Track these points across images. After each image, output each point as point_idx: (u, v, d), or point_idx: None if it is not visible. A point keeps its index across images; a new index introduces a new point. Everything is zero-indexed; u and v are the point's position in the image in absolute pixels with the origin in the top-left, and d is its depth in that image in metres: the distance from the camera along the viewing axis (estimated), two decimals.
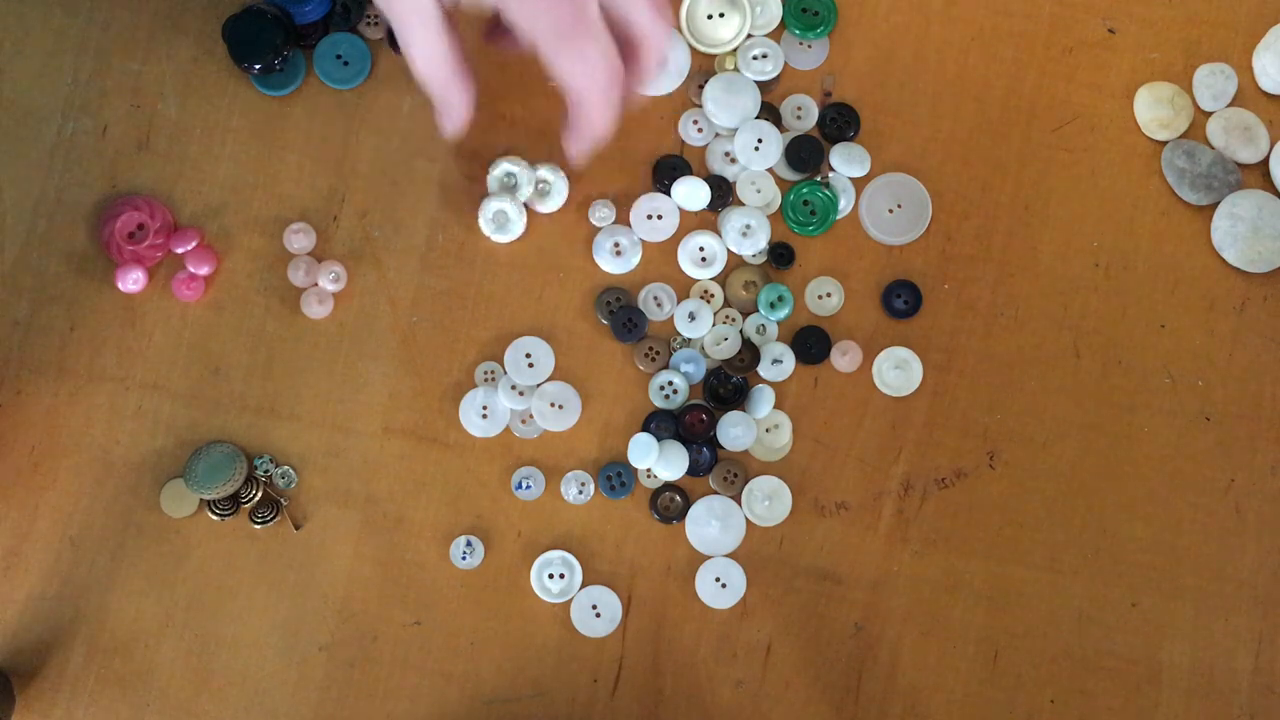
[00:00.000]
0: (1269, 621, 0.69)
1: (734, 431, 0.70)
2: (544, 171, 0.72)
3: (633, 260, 0.72)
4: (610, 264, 0.72)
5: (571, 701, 0.69)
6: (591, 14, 0.60)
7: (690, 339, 0.72)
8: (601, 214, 0.72)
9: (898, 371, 0.71)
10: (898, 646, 0.69)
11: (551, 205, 0.72)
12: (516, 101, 0.73)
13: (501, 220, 0.72)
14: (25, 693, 0.69)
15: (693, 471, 0.70)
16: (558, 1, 0.60)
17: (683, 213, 0.73)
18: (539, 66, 0.74)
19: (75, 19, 0.74)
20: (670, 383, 0.71)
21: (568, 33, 0.61)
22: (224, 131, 0.73)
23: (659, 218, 0.72)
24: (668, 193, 0.72)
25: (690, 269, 0.72)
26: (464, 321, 0.72)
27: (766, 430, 0.71)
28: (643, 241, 0.72)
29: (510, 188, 0.72)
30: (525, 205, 0.72)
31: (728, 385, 0.71)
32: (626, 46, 0.63)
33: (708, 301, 0.72)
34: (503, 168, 0.71)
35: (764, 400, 0.70)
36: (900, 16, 0.74)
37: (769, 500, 0.70)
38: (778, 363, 0.71)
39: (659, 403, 0.71)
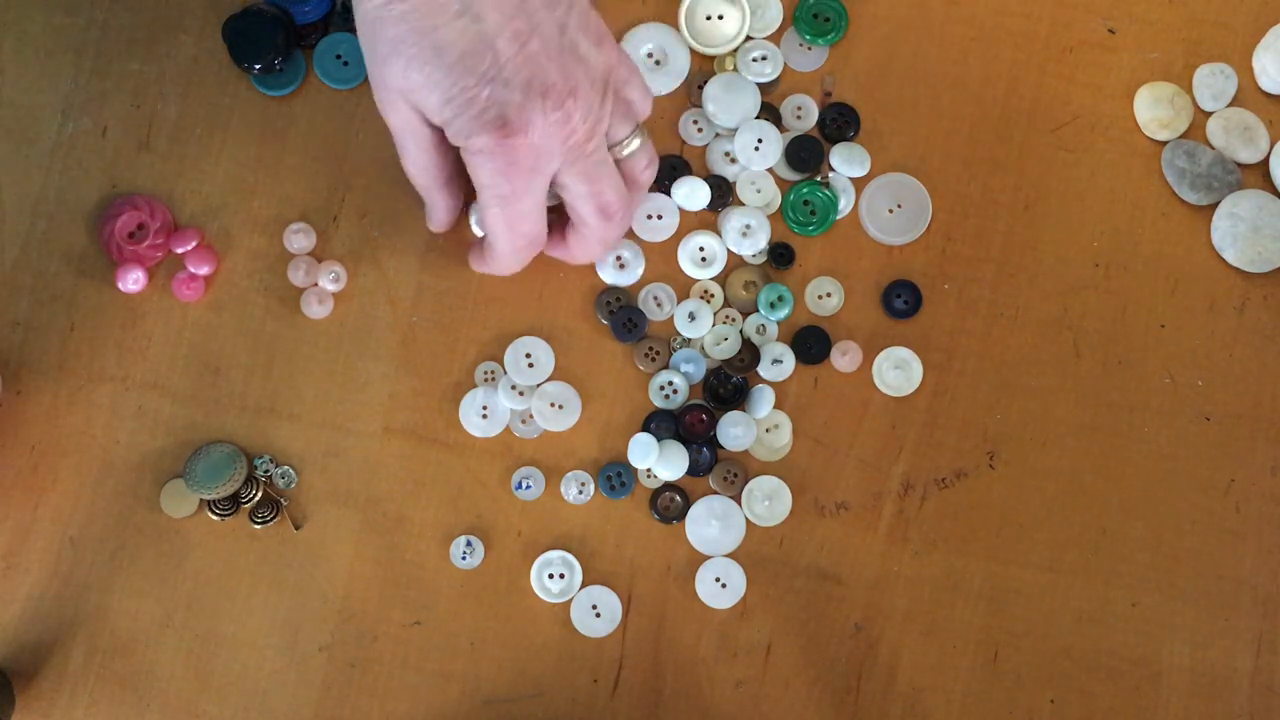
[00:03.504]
0: (1269, 621, 0.69)
1: (734, 431, 0.70)
2: None
3: (636, 272, 0.72)
4: (613, 277, 0.72)
5: (571, 701, 0.69)
6: (526, 189, 0.63)
7: (690, 339, 0.72)
8: None
9: (897, 371, 0.71)
10: (898, 646, 0.69)
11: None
12: None
13: None
14: (25, 693, 0.69)
15: (693, 471, 0.70)
16: (505, 170, 0.62)
17: (683, 213, 0.73)
18: None
19: (75, 19, 0.74)
20: (670, 383, 0.71)
21: (510, 253, 0.66)
22: (224, 131, 0.73)
23: (659, 218, 0.72)
24: (668, 193, 0.72)
25: (690, 269, 0.72)
26: (464, 321, 0.72)
27: (766, 430, 0.71)
28: (643, 242, 0.72)
29: None
30: None
31: (728, 385, 0.71)
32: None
33: (708, 301, 0.72)
34: None
35: (764, 400, 0.70)
36: (900, 17, 0.74)
37: (769, 500, 0.70)
38: (778, 363, 0.71)
39: (659, 403, 0.71)
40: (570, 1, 0.62)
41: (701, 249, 0.72)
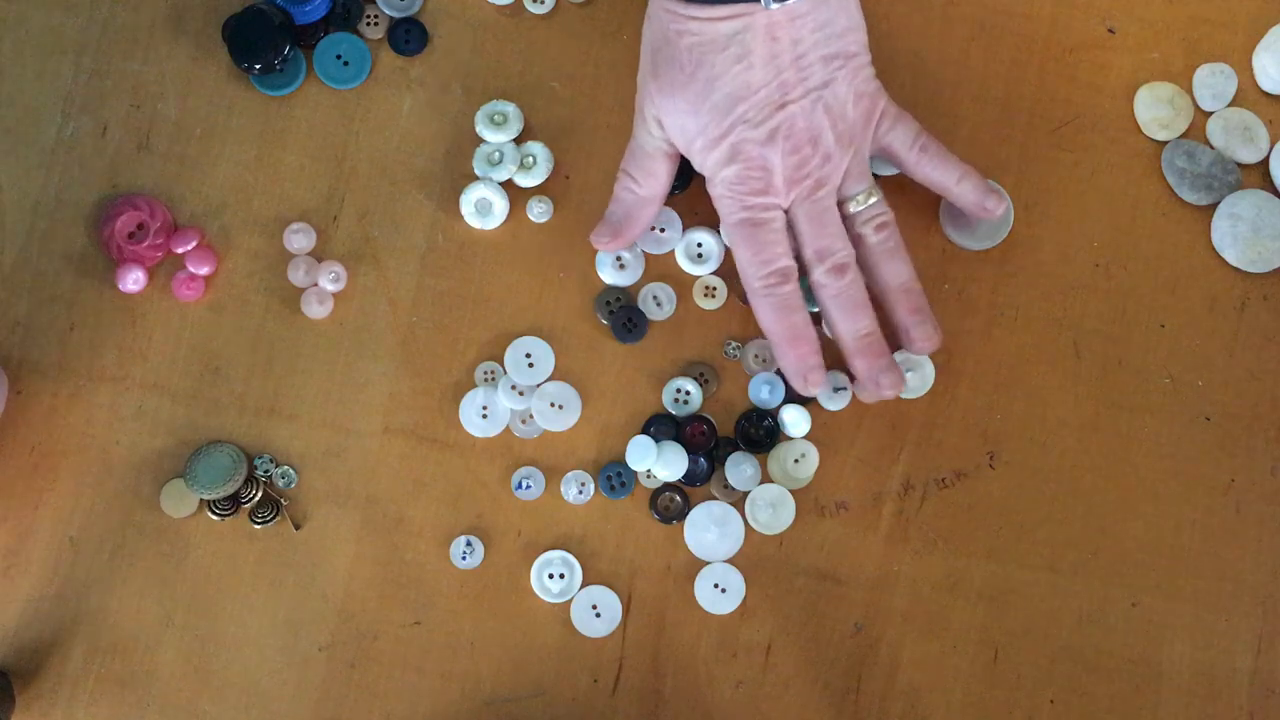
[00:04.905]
0: (1269, 621, 0.69)
1: (745, 471, 0.70)
2: (531, 146, 0.72)
3: (636, 273, 0.72)
4: (613, 277, 0.72)
5: (571, 701, 0.69)
6: (761, 216, 0.66)
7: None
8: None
9: (911, 374, 0.71)
10: (898, 646, 0.69)
11: (535, 178, 0.72)
12: (516, 96, 0.73)
13: (484, 207, 0.72)
14: (25, 693, 0.69)
15: (689, 480, 0.70)
16: (742, 196, 0.66)
17: (683, 214, 0.73)
18: (540, 68, 0.74)
19: (75, 19, 0.74)
20: (684, 390, 0.71)
21: (759, 286, 0.67)
22: (224, 131, 0.73)
23: (662, 230, 0.72)
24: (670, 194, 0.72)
25: (687, 265, 0.72)
26: (464, 321, 0.72)
27: (795, 461, 0.70)
28: (644, 252, 0.72)
29: (495, 163, 0.71)
30: (510, 183, 0.72)
31: (760, 428, 0.70)
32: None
33: (711, 297, 0.71)
34: (492, 138, 0.71)
35: (800, 421, 0.70)
36: (900, 16, 0.74)
37: (772, 508, 0.70)
38: (840, 390, 0.70)
39: (670, 407, 0.71)
40: (849, 56, 0.65)
41: (699, 245, 0.72)
